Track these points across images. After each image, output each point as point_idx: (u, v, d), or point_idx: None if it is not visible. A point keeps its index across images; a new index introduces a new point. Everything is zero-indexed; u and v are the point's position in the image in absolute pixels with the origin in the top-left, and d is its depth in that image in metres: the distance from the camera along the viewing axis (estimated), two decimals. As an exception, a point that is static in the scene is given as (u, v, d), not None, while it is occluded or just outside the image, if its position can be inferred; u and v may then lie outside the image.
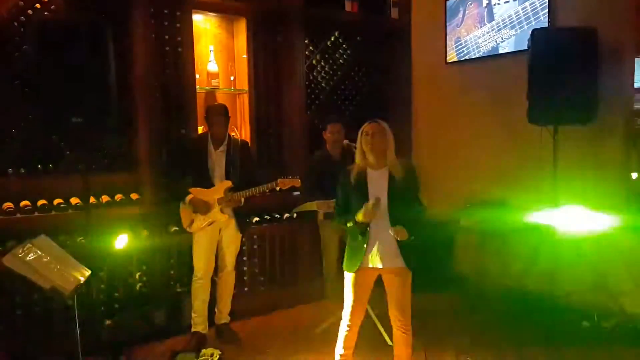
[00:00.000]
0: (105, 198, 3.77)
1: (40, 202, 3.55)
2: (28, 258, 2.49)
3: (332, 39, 5.05)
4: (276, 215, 4.55)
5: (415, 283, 2.88)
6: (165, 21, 4.05)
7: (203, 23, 4.53)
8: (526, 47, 3.98)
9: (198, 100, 4.26)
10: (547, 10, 4.33)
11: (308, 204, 3.80)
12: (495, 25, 4.77)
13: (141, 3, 3.90)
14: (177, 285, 4.08)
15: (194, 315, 3.76)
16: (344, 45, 5.12)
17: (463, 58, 5.04)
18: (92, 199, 3.59)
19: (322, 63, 5.00)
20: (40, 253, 2.56)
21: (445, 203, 4.66)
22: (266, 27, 4.57)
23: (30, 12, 3.57)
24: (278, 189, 3.73)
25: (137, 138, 3.95)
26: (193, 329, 3.77)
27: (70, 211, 3.62)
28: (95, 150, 3.83)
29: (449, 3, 5.11)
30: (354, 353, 3.02)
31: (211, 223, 3.70)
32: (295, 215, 4.46)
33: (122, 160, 3.95)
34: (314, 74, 4.94)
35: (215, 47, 4.53)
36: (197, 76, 4.26)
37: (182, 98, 4.13)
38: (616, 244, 3.84)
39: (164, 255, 4.05)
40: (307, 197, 3.90)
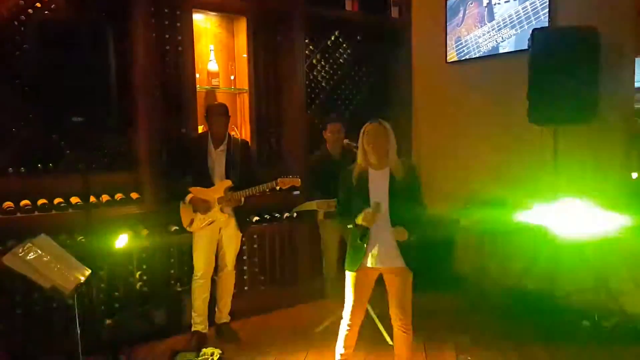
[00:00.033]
0: (105, 197, 3.77)
1: (40, 202, 3.54)
2: (28, 257, 2.49)
3: (332, 39, 5.04)
4: (276, 214, 4.55)
5: (415, 282, 2.89)
6: (165, 20, 4.04)
7: (203, 22, 4.53)
8: (526, 47, 3.99)
9: (198, 99, 4.25)
10: (548, 9, 4.33)
11: (308, 204, 3.81)
12: (495, 24, 4.77)
13: (141, 2, 3.89)
14: (177, 284, 4.08)
15: (194, 314, 3.77)
16: (344, 44, 5.11)
17: (463, 58, 5.04)
18: (92, 198, 3.59)
19: (322, 62, 4.99)
20: (40, 252, 2.56)
21: (445, 203, 4.65)
22: (266, 27, 4.56)
23: (30, 12, 3.56)
24: (278, 189, 3.73)
25: (137, 137, 3.95)
26: (193, 329, 3.78)
27: (70, 210, 3.61)
28: (95, 149, 3.82)
29: (450, 2, 5.11)
30: (354, 352, 3.02)
31: (211, 222, 3.70)
32: (295, 214, 4.46)
33: (122, 159, 3.95)
34: (314, 73, 4.94)
35: (215, 47, 4.53)
36: (197, 75, 4.26)
37: (182, 97, 4.13)
38: (616, 244, 3.83)
39: (164, 254, 4.05)
40: (307, 197, 3.91)
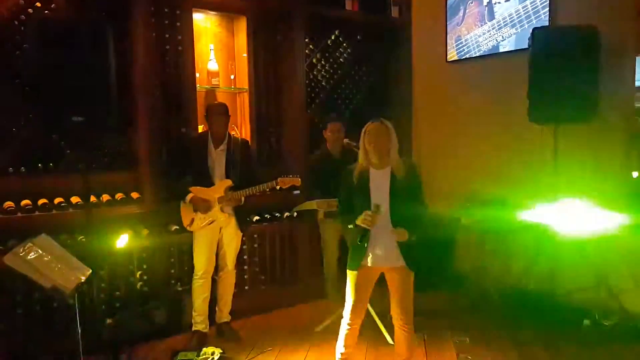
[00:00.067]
0: (105, 197, 3.77)
1: (40, 201, 3.54)
2: (29, 257, 2.50)
3: (333, 38, 5.04)
4: (276, 214, 4.55)
5: (416, 282, 2.88)
6: (165, 20, 4.04)
7: (203, 22, 4.53)
8: (527, 46, 3.98)
9: (198, 99, 4.25)
10: (548, 8, 4.33)
11: (308, 203, 3.81)
12: (495, 23, 4.76)
13: (141, 2, 3.89)
14: (178, 284, 4.08)
15: (195, 314, 3.77)
16: (344, 44, 5.11)
17: (464, 57, 5.04)
18: (93, 198, 3.60)
19: (322, 62, 4.99)
20: (41, 252, 2.57)
21: (445, 202, 4.65)
22: (266, 26, 4.56)
23: (30, 11, 3.56)
24: (278, 188, 3.73)
25: (138, 137, 3.94)
26: (194, 328, 3.78)
27: (70, 210, 3.61)
28: (95, 149, 3.82)
29: (450, 2, 5.10)
30: (355, 351, 3.02)
31: (211, 222, 3.70)
32: (295, 214, 4.46)
33: (123, 159, 3.95)
34: (314, 73, 4.93)
35: (215, 46, 4.52)
36: (197, 75, 4.26)
37: (182, 97, 4.12)
38: (617, 243, 3.84)
39: (165, 254, 4.05)
40: (307, 196, 3.91)
